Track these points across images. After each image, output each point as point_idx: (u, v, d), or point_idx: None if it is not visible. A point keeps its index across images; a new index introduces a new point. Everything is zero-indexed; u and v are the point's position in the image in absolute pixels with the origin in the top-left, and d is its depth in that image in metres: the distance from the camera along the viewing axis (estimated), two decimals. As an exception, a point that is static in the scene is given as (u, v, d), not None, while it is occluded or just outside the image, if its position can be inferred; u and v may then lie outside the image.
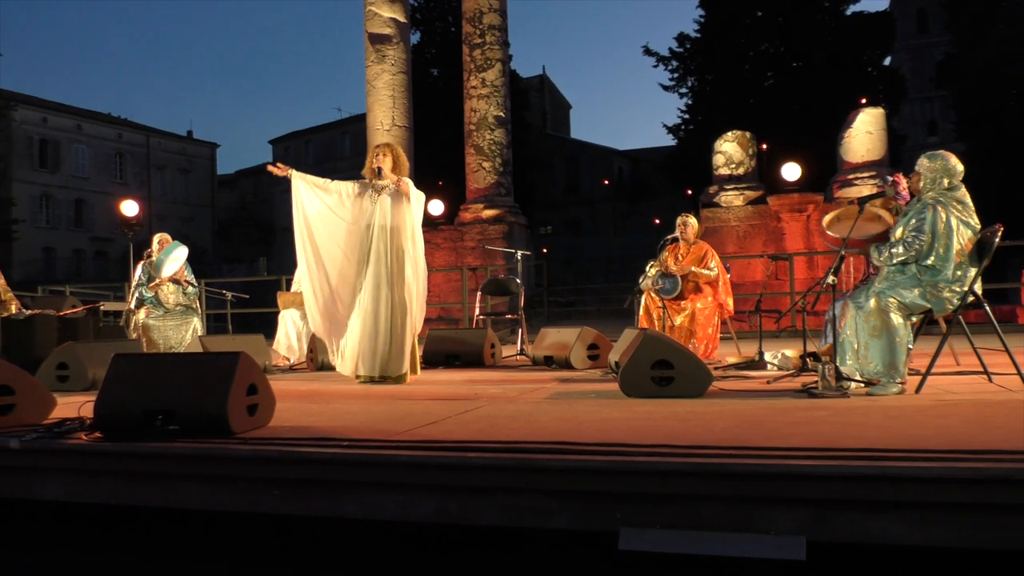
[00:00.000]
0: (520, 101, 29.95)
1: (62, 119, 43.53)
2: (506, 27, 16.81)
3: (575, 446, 2.66)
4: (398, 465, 2.70)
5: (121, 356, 3.39)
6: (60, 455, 3.06)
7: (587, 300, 17.81)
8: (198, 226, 46.72)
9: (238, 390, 3.13)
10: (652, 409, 3.67)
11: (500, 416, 3.66)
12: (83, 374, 5.28)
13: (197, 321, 7.59)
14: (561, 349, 6.69)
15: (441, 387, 5.31)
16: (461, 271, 14.27)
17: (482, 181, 16.43)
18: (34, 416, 3.50)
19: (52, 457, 3.07)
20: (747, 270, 13.21)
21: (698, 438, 2.76)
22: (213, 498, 2.93)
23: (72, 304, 8.92)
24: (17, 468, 3.13)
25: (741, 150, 14.15)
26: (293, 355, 8.09)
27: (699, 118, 29.31)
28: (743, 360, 6.25)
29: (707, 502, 2.34)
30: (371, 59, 15.96)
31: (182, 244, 7.81)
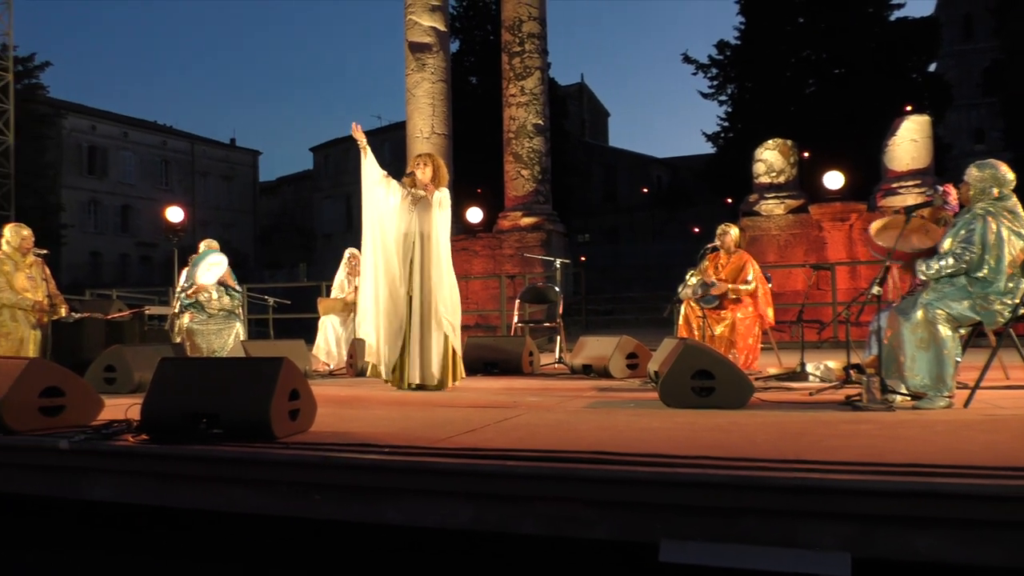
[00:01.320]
0: (558, 109, 29.95)
1: (110, 127, 44.52)
2: (545, 35, 16.84)
3: (615, 456, 2.64)
4: (437, 472, 2.71)
5: (167, 360, 3.45)
6: (108, 456, 3.12)
7: (625, 309, 17.72)
8: (240, 232, 47.41)
9: (280, 395, 3.16)
10: (693, 419, 3.64)
11: (539, 425, 3.66)
12: (129, 376, 5.38)
13: (240, 326, 7.69)
14: (600, 358, 6.67)
15: (479, 395, 5.32)
16: (499, 279, 14.28)
17: (520, 189, 16.45)
18: (83, 417, 3.58)
19: (100, 458, 3.13)
20: (788, 280, 13.05)
21: (740, 450, 2.73)
22: (255, 502, 2.96)
23: (118, 308, 9.11)
24: (66, 468, 3.20)
25: (782, 158, 13.99)
26: (333, 360, 8.16)
27: (739, 126, 29.08)
28: (784, 371, 6.17)
29: (749, 515, 2.31)
30: (411, 68, 16.09)
31: (217, 251, 7.90)
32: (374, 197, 5.79)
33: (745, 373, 4.45)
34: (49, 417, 3.48)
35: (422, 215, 5.73)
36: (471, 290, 15.58)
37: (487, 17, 32.26)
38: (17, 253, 6.65)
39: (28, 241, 6.73)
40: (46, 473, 3.26)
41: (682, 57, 29.84)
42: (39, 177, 30.48)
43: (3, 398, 3.33)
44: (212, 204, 47.75)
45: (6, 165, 17.04)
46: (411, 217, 5.73)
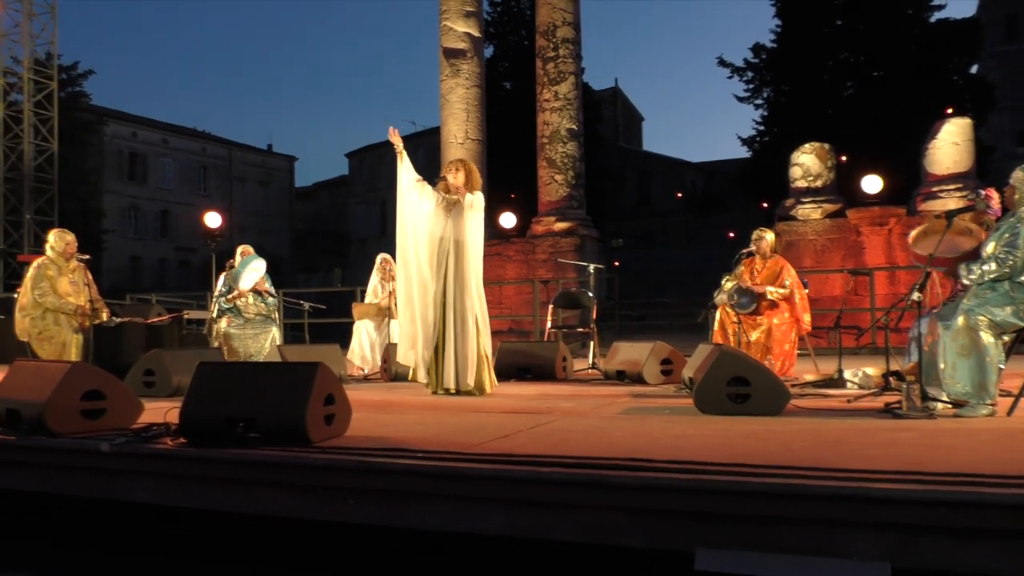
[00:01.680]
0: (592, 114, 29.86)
1: (150, 133, 45.32)
2: (579, 40, 16.83)
3: (649, 463, 2.63)
4: (470, 478, 2.72)
5: (205, 364, 3.50)
6: (147, 459, 3.17)
7: (659, 314, 17.61)
8: (276, 237, 47.94)
9: (316, 400, 3.19)
10: (728, 426, 3.61)
11: (573, 431, 3.65)
12: (168, 380, 5.45)
13: (276, 331, 7.77)
14: (634, 364, 6.63)
15: (513, 400, 5.32)
16: (532, 284, 14.28)
17: (554, 194, 16.44)
18: (123, 420, 3.64)
19: (140, 461, 3.18)
20: (825, 285, 12.88)
21: (776, 457, 2.70)
22: (291, 506, 2.99)
23: (157, 312, 9.25)
24: (107, 471, 3.25)
25: (819, 162, 13.82)
26: (367, 365, 8.21)
27: (775, 129, 28.79)
28: (821, 378, 6.09)
29: (786, 524, 2.29)
30: (445, 73, 16.17)
31: (259, 257, 8.01)
32: (408, 201, 5.83)
33: (781, 380, 4.40)
34: (91, 420, 3.54)
35: (456, 220, 5.75)
36: (504, 295, 15.59)
37: (521, 22, 32.29)
38: (61, 258, 6.78)
39: (71, 246, 6.86)
40: (87, 475, 3.32)
41: (717, 61, 29.61)
42: (81, 183, 31.13)
43: (46, 401, 3.40)
44: (249, 209, 48.35)
45: (50, 171, 17.41)
46: (445, 222, 5.76)
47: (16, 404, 3.55)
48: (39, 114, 17.27)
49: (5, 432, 3.55)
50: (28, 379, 3.70)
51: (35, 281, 6.62)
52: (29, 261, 8.07)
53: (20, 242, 16.89)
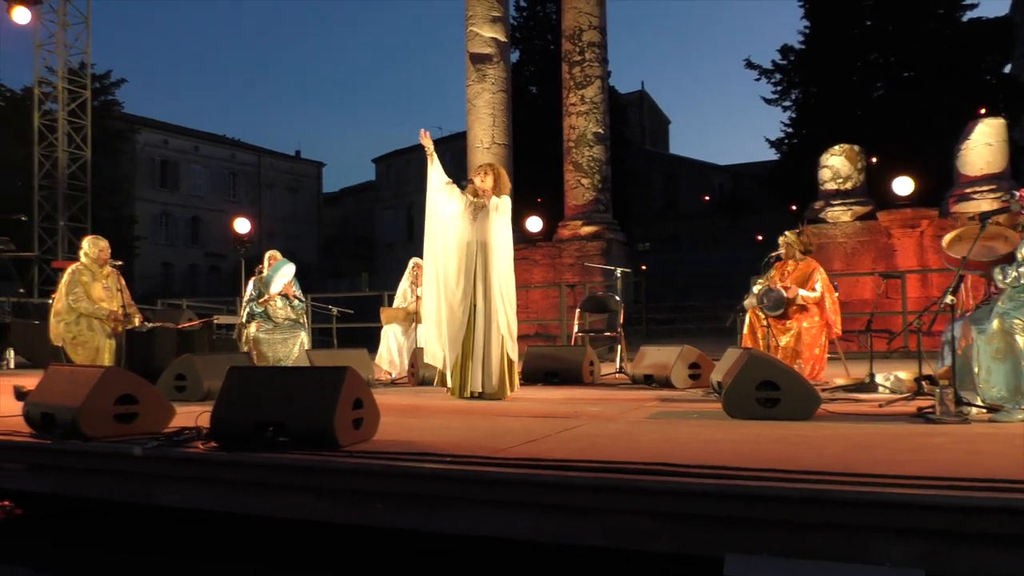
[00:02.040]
0: (619, 118, 29.79)
1: (181, 141, 45.89)
2: (605, 44, 16.80)
3: (678, 468, 2.61)
4: (498, 482, 2.72)
5: (235, 369, 3.53)
6: (179, 463, 3.20)
7: (687, 318, 17.51)
8: (304, 243, 48.31)
9: (344, 404, 3.21)
10: (757, 431, 3.58)
11: (600, 435, 3.64)
12: (199, 385, 5.51)
13: (304, 335, 7.83)
14: (661, 368, 6.60)
15: (540, 405, 5.31)
16: (559, 288, 14.26)
17: (580, 198, 16.42)
18: (155, 424, 3.68)
19: (172, 464, 3.22)
20: (855, 288, 12.73)
21: (807, 463, 2.67)
22: (320, 509, 3.01)
23: (188, 317, 9.37)
24: (140, 474, 3.29)
25: (849, 164, 13.68)
26: (395, 369, 8.24)
27: (803, 131, 28.52)
28: (852, 382, 6.02)
29: (817, 530, 2.26)
30: (472, 78, 16.21)
31: (290, 262, 8.08)
32: (436, 203, 5.85)
33: (811, 384, 4.35)
34: (124, 424, 3.59)
35: (482, 224, 5.76)
36: (531, 299, 15.58)
37: (547, 27, 32.31)
38: (95, 264, 6.89)
39: (105, 253, 6.96)
40: (120, 478, 3.36)
41: (744, 63, 29.39)
42: (114, 191, 31.56)
43: (80, 405, 3.45)
44: (278, 215, 48.78)
45: (83, 179, 17.69)
46: (472, 226, 5.78)
47: (51, 408, 3.60)
48: (73, 123, 17.55)
49: (41, 436, 3.60)
50: (63, 384, 3.76)
51: (69, 287, 6.73)
52: (63, 267, 8.20)
53: (54, 249, 17.17)
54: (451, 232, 5.82)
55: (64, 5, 17.41)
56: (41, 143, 17.45)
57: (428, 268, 5.91)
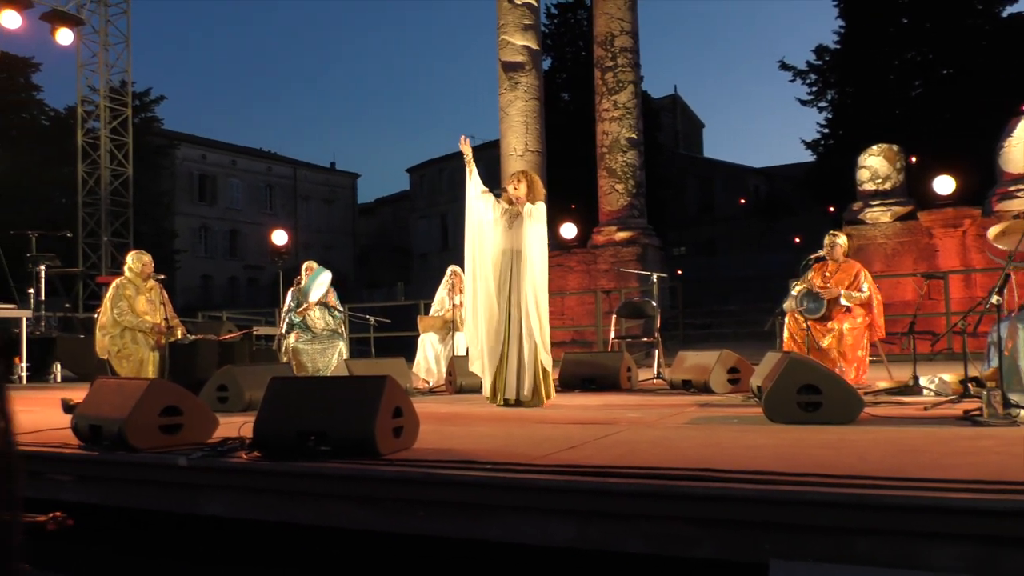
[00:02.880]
0: (652, 122, 29.73)
1: (219, 155, 46.65)
2: (638, 49, 16.76)
3: (720, 473, 2.59)
4: (539, 489, 2.72)
5: (277, 379, 3.57)
6: (223, 473, 3.25)
7: (723, 322, 17.37)
8: (340, 253, 48.78)
9: (385, 413, 3.23)
10: (800, 436, 3.54)
11: (640, 441, 3.62)
12: (240, 395, 5.58)
13: (343, 345, 7.90)
14: (700, 373, 6.55)
15: (578, 411, 5.30)
16: (594, 294, 14.23)
17: (615, 203, 16.38)
18: (199, 435, 3.73)
19: (216, 475, 3.26)
20: (896, 289, 12.53)
21: (851, 467, 2.64)
22: (361, 518, 3.03)
23: (228, 329, 9.50)
24: (185, 485, 3.34)
25: (888, 164, 13.48)
26: (432, 378, 8.28)
27: (840, 132, 28.22)
28: (896, 385, 5.92)
29: (863, 536, 2.23)
30: (504, 87, 16.27)
31: (326, 269, 8.16)
32: (474, 211, 5.89)
33: (854, 387, 4.29)
34: (169, 435, 3.65)
35: (516, 231, 5.78)
36: (566, 305, 15.56)
37: (578, 34, 32.37)
38: (138, 278, 7.02)
39: (148, 267, 7.10)
40: (166, 489, 3.42)
41: (779, 64, 29.19)
42: (155, 205, 32.16)
43: (127, 417, 3.51)
44: (314, 227, 49.32)
45: (125, 194, 18.04)
46: (507, 234, 5.79)
47: (98, 420, 3.67)
48: (115, 140, 17.92)
49: (89, 448, 3.68)
50: (109, 396, 3.83)
51: (114, 301, 6.86)
52: (108, 282, 8.38)
53: (99, 264, 17.51)
54: (487, 240, 5.84)
55: (106, 26, 17.80)
56: (84, 160, 17.84)
57: (467, 276, 5.96)
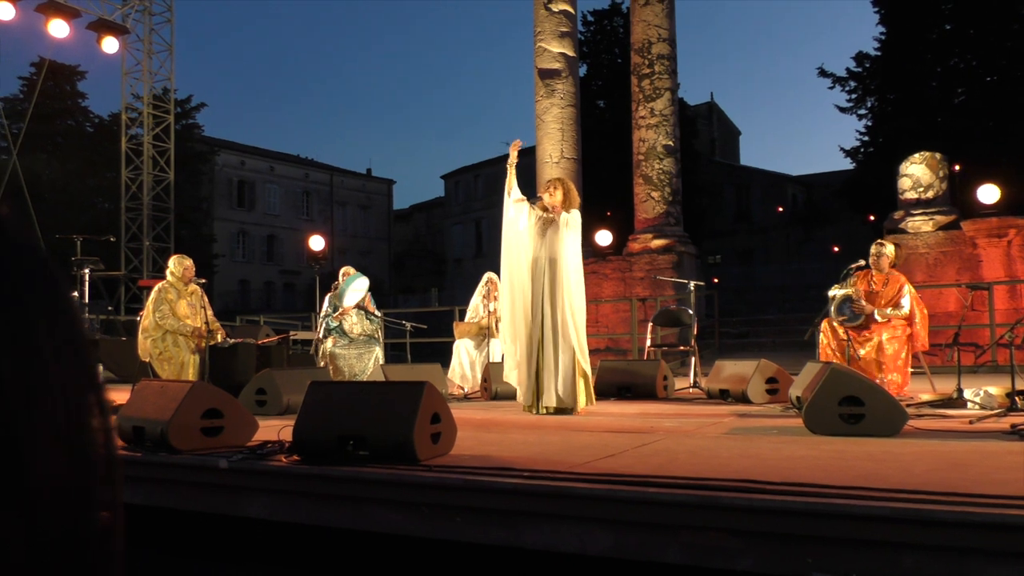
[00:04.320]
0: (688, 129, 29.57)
1: (257, 161, 47.25)
2: (675, 56, 16.68)
3: (761, 484, 2.56)
4: (577, 498, 2.70)
5: (316, 384, 3.60)
6: (263, 476, 3.28)
7: (761, 332, 17.17)
8: (375, 259, 49.10)
9: (423, 419, 3.24)
10: (842, 448, 3.48)
11: (679, 451, 3.59)
12: (279, 399, 5.63)
13: (379, 350, 7.94)
14: (738, 382, 6.48)
15: (614, 419, 5.27)
16: (630, 302, 14.16)
17: (651, 211, 16.30)
18: (239, 438, 3.78)
19: (256, 477, 3.30)
20: (938, 300, 12.30)
21: (897, 481, 2.59)
22: (399, 522, 3.04)
23: (266, 333, 9.60)
24: (225, 487, 3.38)
25: (930, 172, 13.26)
26: (467, 384, 8.29)
27: (880, 140, 27.81)
28: (939, 397, 5.81)
29: (910, 551, 2.19)
30: (540, 94, 16.28)
31: (363, 275, 8.22)
32: (510, 219, 5.90)
33: (897, 399, 4.22)
34: (210, 438, 3.69)
35: (552, 239, 5.77)
36: (601, 313, 15.50)
37: (615, 40, 32.33)
38: (180, 282, 7.12)
39: (189, 271, 7.20)
40: (207, 491, 3.46)
41: (817, 71, 28.84)
42: (194, 210, 32.68)
43: (170, 419, 3.56)
44: (350, 232, 49.72)
45: (167, 200, 18.34)
46: (542, 242, 5.79)
47: (141, 422, 3.73)
48: (157, 146, 18.24)
49: (132, 449, 3.73)
50: (152, 398, 3.89)
51: (156, 304, 6.96)
52: (149, 285, 8.51)
53: (140, 268, 17.82)
54: (522, 248, 5.85)
55: (150, 35, 18.13)
56: (128, 166, 18.17)
57: (503, 285, 5.96)
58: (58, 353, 0.32)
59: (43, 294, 0.33)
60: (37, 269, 0.33)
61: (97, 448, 0.34)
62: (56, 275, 0.35)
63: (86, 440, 0.33)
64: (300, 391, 3.65)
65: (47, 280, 0.34)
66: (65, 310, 0.34)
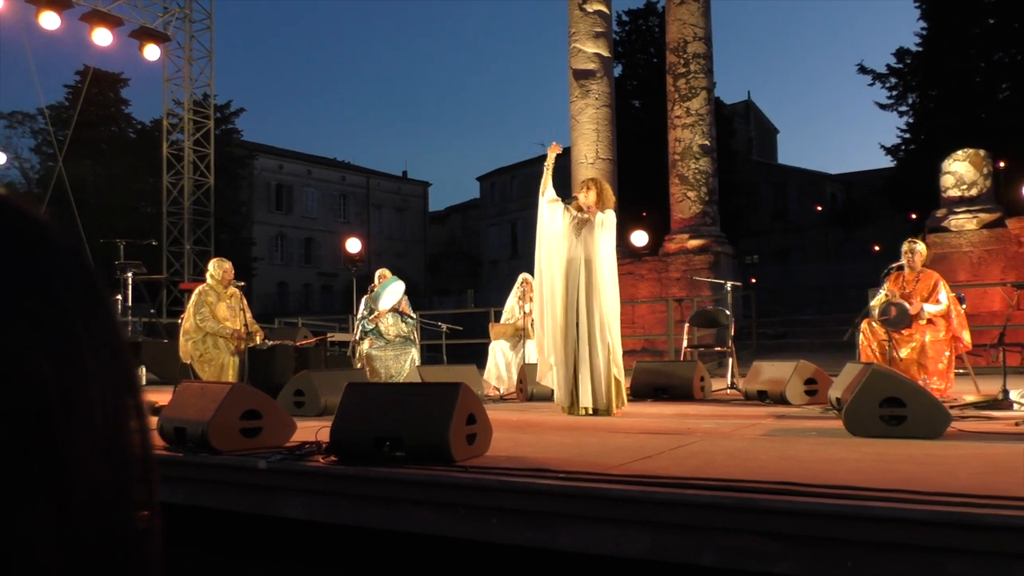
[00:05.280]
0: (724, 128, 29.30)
1: (295, 165, 47.79)
2: (711, 55, 16.55)
3: (800, 487, 2.53)
4: (613, 499, 2.69)
5: (353, 385, 3.63)
6: (301, 476, 3.31)
7: (799, 332, 16.95)
8: (411, 261, 49.38)
9: (459, 420, 3.25)
10: (883, 450, 3.43)
11: (716, 452, 3.56)
12: (316, 400, 5.69)
13: (415, 352, 7.98)
14: (776, 384, 6.41)
15: (651, 421, 5.24)
16: (666, 302, 14.07)
17: (687, 211, 16.18)
18: (277, 439, 3.82)
19: (294, 478, 3.33)
20: (983, 300, 12.05)
21: (941, 484, 2.54)
22: (435, 523, 3.05)
23: (304, 335, 9.70)
24: (264, 487, 3.42)
25: (974, 169, 12.99)
26: (503, 385, 8.30)
27: (921, 137, 27.34)
28: (983, 399, 5.70)
29: (955, 555, 2.14)
30: (575, 94, 16.25)
31: (398, 279, 8.27)
32: (545, 219, 5.90)
33: (941, 401, 4.14)
34: (249, 438, 3.74)
35: (587, 240, 5.75)
36: (637, 314, 15.43)
37: (650, 40, 32.16)
38: (219, 285, 7.23)
39: (229, 274, 7.30)
40: (246, 491, 3.50)
41: (857, 68, 28.42)
42: (234, 214, 33.15)
43: (210, 420, 3.61)
44: (386, 235, 50.06)
45: (207, 204, 18.62)
46: (577, 242, 5.77)
47: (182, 423, 3.79)
48: (197, 151, 18.53)
49: (173, 449, 3.79)
50: (193, 399, 3.95)
51: (197, 307, 7.07)
52: (190, 288, 8.65)
53: (181, 271, 18.11)
54: (557, 249, 5.84)
55: (190, 42, 18.43)
56: (169, 171, 18.48)
57: (537, 285, 5.96)
58: (97, 354, 0.33)
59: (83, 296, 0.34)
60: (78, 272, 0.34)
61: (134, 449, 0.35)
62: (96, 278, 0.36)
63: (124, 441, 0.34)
64: (337, 392, 3.68)
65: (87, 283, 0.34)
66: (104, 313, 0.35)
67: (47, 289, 0.32)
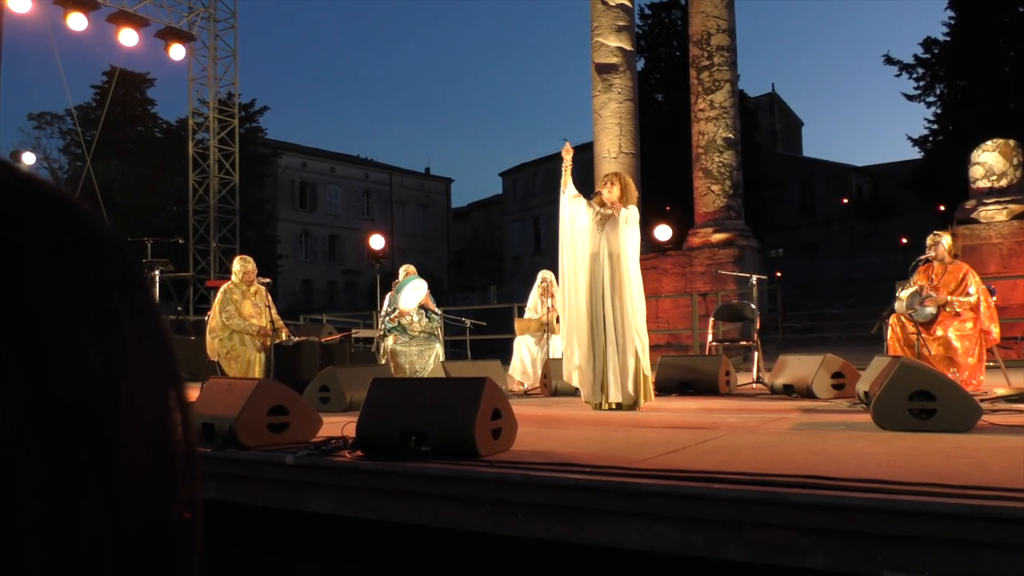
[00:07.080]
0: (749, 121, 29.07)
1: (319, 163, 48.05)
2: (735, 47, 16.42)
3: (829, 480, 2.51)
4: (640, 494, 2.68)
5: (379, 380, 3.65)
6: (328, 471, 3.33)
7: (825, 326, 16.81)
8: (434, 257, 49.51)
9: (484, 414, 3.25)
10: (913, 444, 3.39)
11: (743, 447, 3.54)
12: (342, 396, 5.72)
13: (439, 347, 8.00)
14: (802, 378, 6.35)
15: (676, 415, 5.22)
16: (690, 297, 14.00)
17: (711, 205, 16.08)
18: (304, 434, 3.85)
19: (321, 472, 3.35)
20: (1013, 292, 11.87)
21: (972, 477, 2.51)
22: (461, 518, 3.06)
23: (329, 331, 9.76)
24: (291, 482, 3.44)
25: (1004, 160, 12.79)
26: (528, 380, 8.30)
27: (950, 127, 26.98)
28: (1014, 392, 5.61)
29: (988, 549, 2.12)
30: (597, 89, 16.20)
31: (420, 277, 8.29)
32: (567, 216, 5.88)
33: (971, 394, 4.09)
34: (276, 434, 3.77)
35: (610, 235, 5.73)
36: (661, 308, 15.36)
37: (673, 33, 31.98)
38: (244, 283, 7.29)
39: (251, 272, 7.36)
40: (273, 486, 3.53)
41: (883, 59, 28.09)
42: (258, 212, 33.38)
43: (238, 416, 3.65)
44: (409, 231, 50.22)
45: (232, 202, 18.76)
46: (599, 237, 5.75)
47: (210, 419, 3.82)
48: (223, 150, 18.68)
49: (201, 445, 3.83)
50: (220, 395, 3.99)
51: (222, 305, 7.14)
52: (216, 286, 8.73)
53: (207, 269, 18.28)
54: (580, 245, 5.82)
55: (215, 41, 18.57)
56: (195, 170, 18.65)
57: (561, 281, 5.95)
58: (141, 343, 0.33)
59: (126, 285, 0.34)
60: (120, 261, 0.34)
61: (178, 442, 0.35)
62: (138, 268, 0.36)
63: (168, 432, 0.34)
64: (363, 388, 3.70)
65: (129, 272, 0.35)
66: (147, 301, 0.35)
67: (96, 282, 0.32)
